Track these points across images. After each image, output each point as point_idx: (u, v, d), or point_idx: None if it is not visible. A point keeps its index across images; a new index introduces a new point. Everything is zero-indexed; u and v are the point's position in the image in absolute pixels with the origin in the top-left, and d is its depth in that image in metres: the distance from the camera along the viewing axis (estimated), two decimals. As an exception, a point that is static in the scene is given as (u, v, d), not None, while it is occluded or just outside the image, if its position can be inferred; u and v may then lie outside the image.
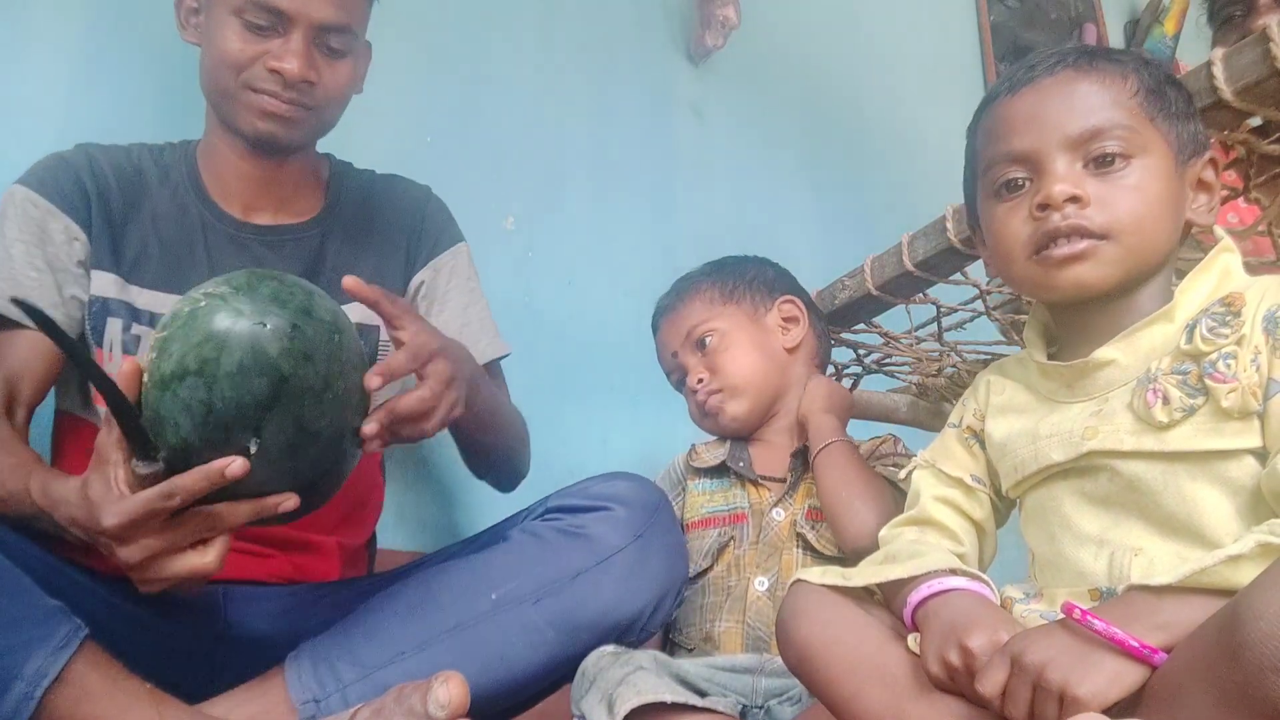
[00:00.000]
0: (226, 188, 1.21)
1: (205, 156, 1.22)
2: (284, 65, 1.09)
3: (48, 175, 1.14)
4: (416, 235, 1.31)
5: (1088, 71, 0.81)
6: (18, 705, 0.77)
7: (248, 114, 1.13)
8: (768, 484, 1.21)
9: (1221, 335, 0.74)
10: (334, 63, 1.15)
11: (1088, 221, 0.78)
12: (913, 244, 1.22)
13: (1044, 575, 0.84)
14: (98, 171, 1.16)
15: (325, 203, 1.27)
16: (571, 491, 1.08)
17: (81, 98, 1.43)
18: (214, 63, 1.13)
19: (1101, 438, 0.78)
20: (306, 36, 1.11)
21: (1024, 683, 0.65)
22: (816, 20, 2.44)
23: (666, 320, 1.33)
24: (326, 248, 1.24)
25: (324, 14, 1.11)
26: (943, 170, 2.21)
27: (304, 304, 0.86)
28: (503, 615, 0.97)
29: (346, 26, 1.14)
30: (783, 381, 1.27)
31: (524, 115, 1.90)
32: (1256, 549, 0.63)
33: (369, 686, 0.93)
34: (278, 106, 1.12)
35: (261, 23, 1.10)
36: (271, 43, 1.10)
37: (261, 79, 1.11)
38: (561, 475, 1.73)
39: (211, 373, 0.80)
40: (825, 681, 0.77)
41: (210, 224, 1.19)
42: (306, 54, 1.11)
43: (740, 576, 1.16)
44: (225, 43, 1.10)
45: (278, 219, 1.23)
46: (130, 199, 1.17)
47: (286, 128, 1.14)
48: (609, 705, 0.90)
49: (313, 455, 0.86)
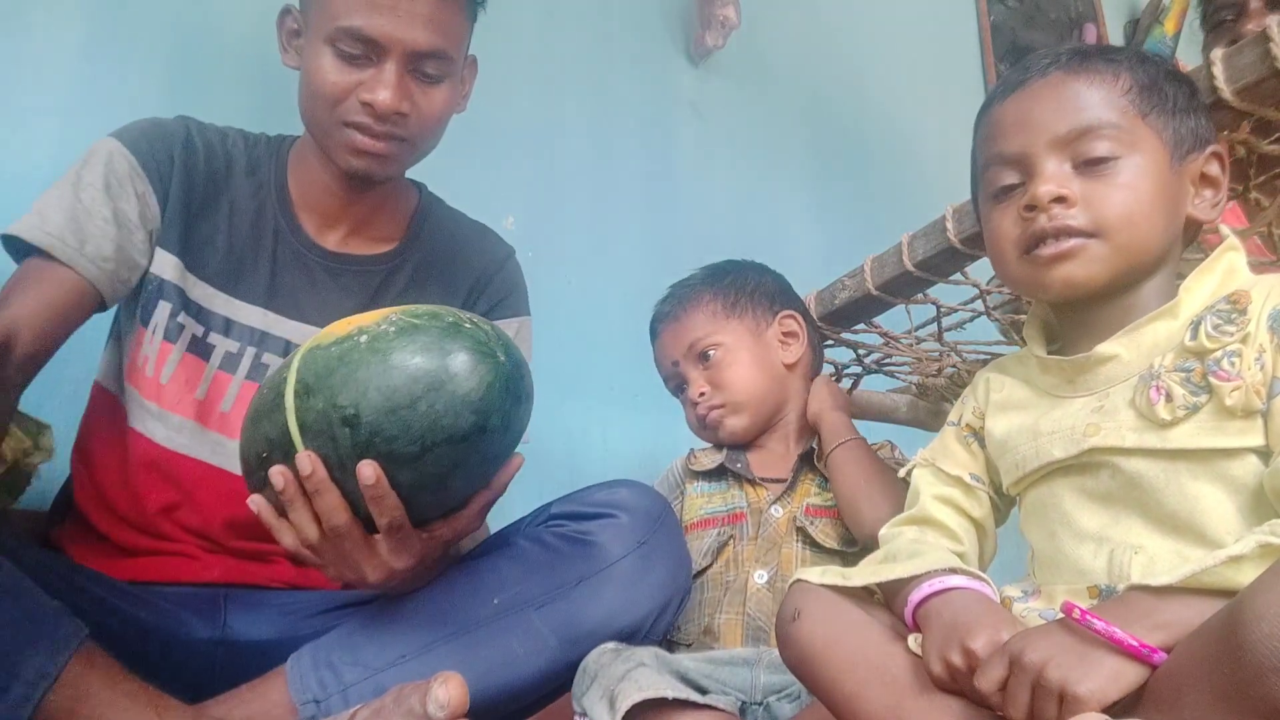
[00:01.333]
0: (308, 200, 1.19)
1: (296, 163, 1.20)
2: (376, 97, 1.06)
3: (142, 137, 1.11)
4: (480, 291, 1.27)
5: (1079, 72, 0.82)
6: (17, 706, 0.77)
7: (342, 151, 1.10)
8: (766, 484, 1.23)
9: (1226, 333, 0.74)
10: (429, 89, 1.10)
11: (1074, 221, 0.79)
12: (913, 244, 1.22)
13: (1043, 573, 0.84)
14: (191, 148, 1.14)
15: (405, 238, 1.25)
16: (575, 498, 1.07)
17: (81, 100, 1.43)
18: (309, 94, 1.10)
19: (1103, 435, 0.78)
20: (400, 65, 1.06)
21: (1023, 682, 0.65)
22: (816, 20, 2.44)
23: (667, 328, 1.33)
24: (390, 285, 1.22)
25: (417, 40, 1.06)
26: (943, 170, 2.22)
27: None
28: (505, 620, 0.97)
29: (442, 52, 1.09)
30: (782, 396, 1.29)
31: (524, 115, 1.90)
32: (1257, 549, 0.63)
33: (370, 688, 0.92)
34: (371, 145, 1.09)
35: (354, 51, 1.06)
36: (365, 73, 1.06)
37: (355, 112, 1.07)
38: (561, 475, 1.73)
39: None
40: (826, 681, 0.77)
41: (283, 234, 1.17)
42: (399, 84, 1.06)
43: (739, 571, 1.17)
44: (319, 73, 1.07)
45: (348, 245, 1.21)
46: (213, 185, 1.15)
47: (381, 164, 1.12)
48: (611, 701, 0.90)
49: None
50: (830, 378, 1.39)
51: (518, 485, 1.35)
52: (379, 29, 1.04)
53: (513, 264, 1.33)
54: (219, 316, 1.14)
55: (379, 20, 1.04)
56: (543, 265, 1.83)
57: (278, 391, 0.89)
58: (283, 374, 0.89)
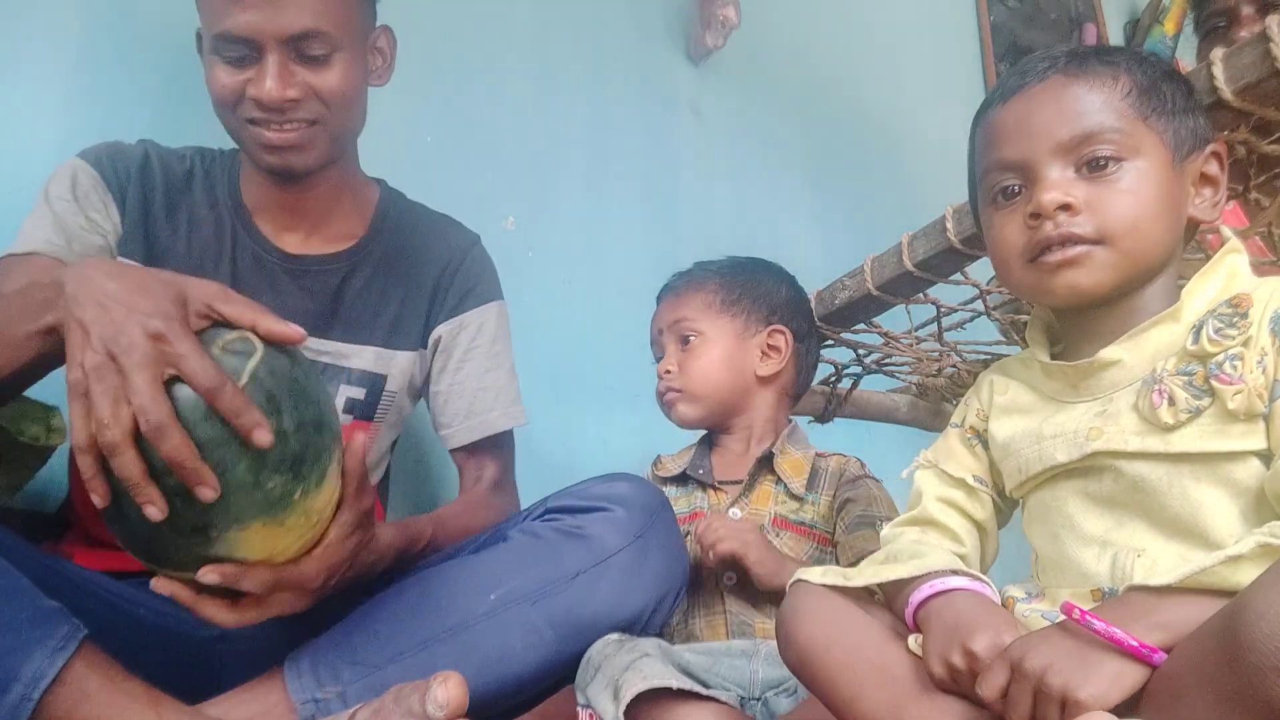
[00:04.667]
0: (260, 205, 1.21)
1: (246, 172, 1.22)
2: (261, 90, 1.07)
3: (103, 154, 1.16)
4: (447, 284, 1.28)
5: (1077, 75, 0.81)
6: (16, 707, 0.77)
7: (255, 149, 1.13)
8: (725, 488, 1.27)
9: (1228, 336, 0.74)
10: (320, 69, 1.11)
11: (1079, 228, 0.78)
12: (913, 244, 1.22)
13: (1047, 575, 0.84)
14: (148, 166, 1.18)
15: (365, 234, 1.26)
16: (571, 492, 1.07)
17: (79, 102, 1.43)
18: (214, 103, 1.13)
19: (1106, 438, 0.78)
20: (279, 54, 1.08)
21: (1025, 688, 0.65)
22: (817, 20, 2.44)
23: (667, 299, 1.37)
24: (350, 283, 1.23)
25: (286, 26, 1.07)
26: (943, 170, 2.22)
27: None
28: (502, 615, 0.97)
29: (316, 31, 1.09)
30: (742, 402, 1.31)
31: (524, 115, 1.90)
32: (1257, 550, 0.63)
33: (369, 686, 0.92)
34: (278, 137, 1.11)
35: (236, 54, 1.08)
36: (251, 70, 1.09)
37: (251, 109, 1.10)
38: (561, 475, 1.73)
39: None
40: (826, 681, 0.77)
41: (240, 239, 1.20)
42: (280, 73, 1.08)
43: (704, 571, 1.19)
44: (214, 81, 1.10)
45: (308, 246, 1.22)
46: (170, 200, 1.18)
47: (298, 154, 1.13)
48: (615, 691, 0.90)
49: None
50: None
51: (518, 485, 1.36)
52: (246, 26, 1.06)
53: (478, 251, 1.33)
54: None
55: (245, 17, 1.06)
56: (542, 265, 1.83)
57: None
58: None
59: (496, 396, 1.27)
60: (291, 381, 0.84)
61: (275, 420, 0.80)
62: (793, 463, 1.25)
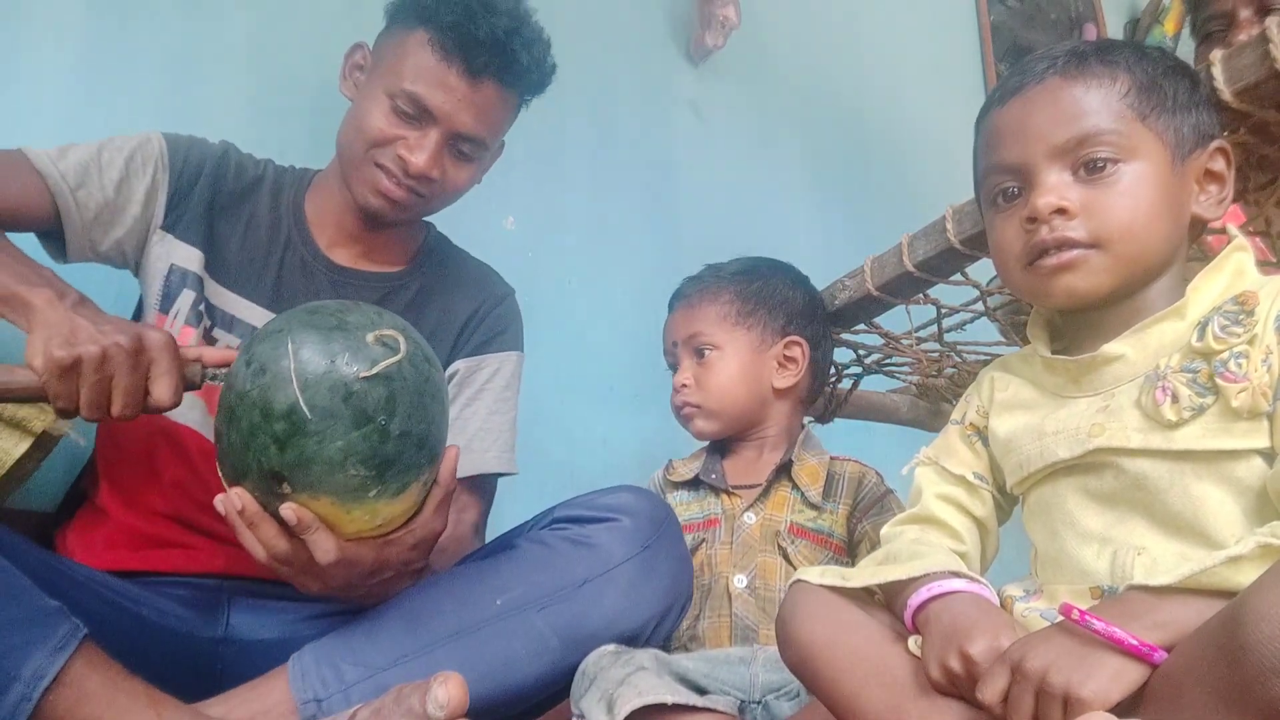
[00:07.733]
0: (322, 220, 1.27)
1: (318, 188, 1.28)
2: (413, 158, 1.16)
3: (184, 141, 1.22)
4: (476, 324, 1.31)
5: (1075, 77, 0.81)
6: (16, 707, 0.77)
7: (364, 187, 1.19)
8: (739, 492, 1.27)
9: (1233, 334, 0.73)
10: (460, 165, 1.21)
11: (1074, 232, 0.78)
12: (913, 244, 1.22)
13: (1045, 572, 0.84)
14: (224, 163, 1.24)
15: (408, 264, 1.31)
16: (578, 502, 1.08)
17: (79, 104, 1.43)
18: (355, 128, 1.19)
19: (1108, 435, 0.77)
20: (443, 137, 1.17)
21: (1026, 690, 0.65)
22: (816, 20, 2.44)
23: (680, 308, 1.35)
24: (387, 302, 1.25)
25: (465, 124, 1.17)
26: (943, 170, 2.22)
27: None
28: (507, 621, 0.97)
29: (481, 139, 1.20)
30: (760, 414, 1.31)
31: (524, 115, 1.89)
32: (1258, 550, 0.63)
33: (372, 687, 0.92)
34: (392, 190, 1.18)
35: (408, 111, 1.16)
36: (410, 131, 1.16)
37: (389, 159, 1.17)
38: (561, 475, 1.73)
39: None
40: (826, 682, 0.77)
41: (293, 244, 1.25)
42: (437, 153, 1.17)
43: (714, 574, 1.20)
44: (370, 117, 1.17)
45: (355, 263, 1.27)
46: (238, 197, 1.24)
47: (395, 210, 1.20)
48: (609, 705, 0.90)
49: None
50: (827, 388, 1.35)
51: (518, 485, 1.36)
52: (438, 103, 1.15)
53: (511, 301, 1.37)
54: (225, 313, 1.19)
55: (441, 96, 1.15)
56: (543, 265, 1.83)
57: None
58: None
59: (495, 439, 1.28)
60: (416, 393, 0.89)
61: (384, 418, 0.86)
62: (809, 470, 1.25)
